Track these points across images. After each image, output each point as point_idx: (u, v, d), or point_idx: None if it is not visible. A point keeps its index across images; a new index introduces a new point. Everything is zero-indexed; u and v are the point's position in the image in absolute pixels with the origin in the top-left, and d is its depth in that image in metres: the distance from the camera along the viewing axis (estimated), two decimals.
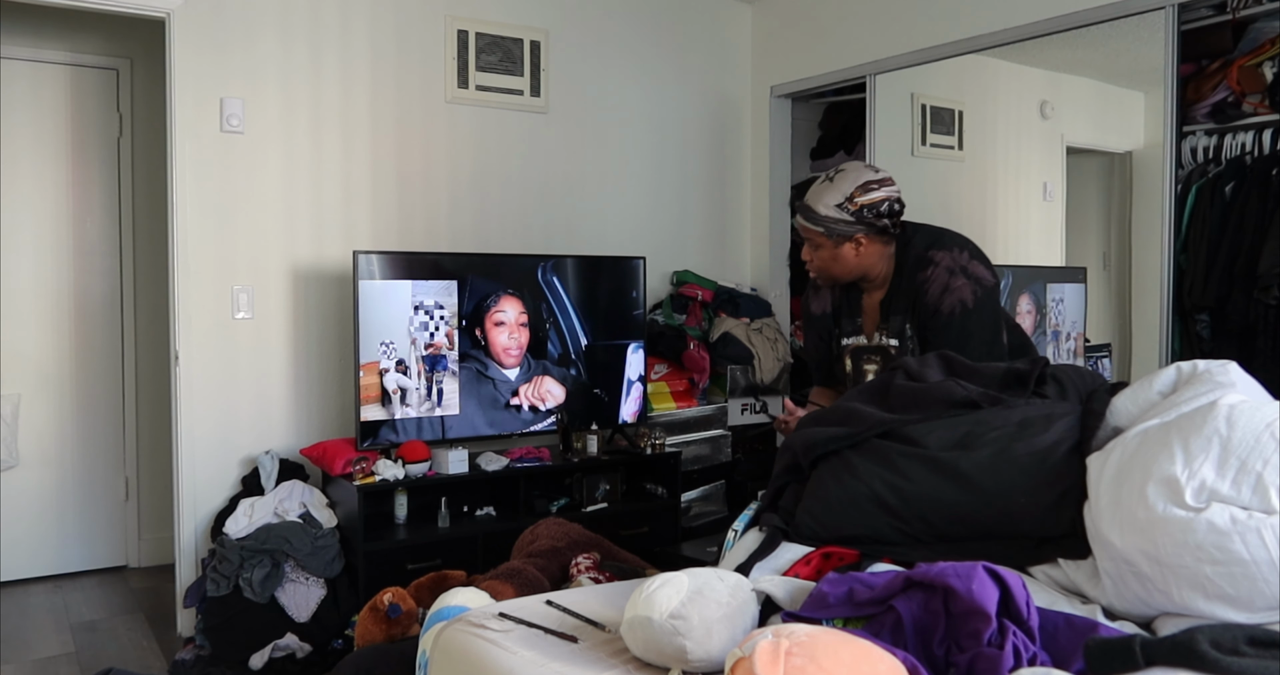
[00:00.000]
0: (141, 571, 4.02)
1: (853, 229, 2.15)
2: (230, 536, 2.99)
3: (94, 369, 4.00)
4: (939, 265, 2.14)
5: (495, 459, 3.31)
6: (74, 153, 3.93)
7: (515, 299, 3.40)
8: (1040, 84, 3.28)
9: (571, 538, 2.52)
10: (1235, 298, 2.65)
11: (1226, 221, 2.69)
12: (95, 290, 4.00)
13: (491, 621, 1.65)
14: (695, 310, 3.94)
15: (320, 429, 3.41)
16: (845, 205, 2.13)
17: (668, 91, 4.12)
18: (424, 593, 2.59)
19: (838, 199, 2.14)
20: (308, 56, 3.34)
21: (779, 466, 1.87)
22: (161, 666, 3.00)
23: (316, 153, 3.37)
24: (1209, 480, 1.33)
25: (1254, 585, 1.26)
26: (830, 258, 2.21)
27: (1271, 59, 2.67)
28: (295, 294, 3.35)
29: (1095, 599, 1.44)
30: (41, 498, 3.90)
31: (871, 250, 2.20)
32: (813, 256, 2.25)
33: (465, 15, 3.62)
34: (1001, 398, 1.73)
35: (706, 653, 1.36)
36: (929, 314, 2.14)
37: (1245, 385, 1.53)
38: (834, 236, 2.17)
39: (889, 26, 3.65)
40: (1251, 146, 2.69)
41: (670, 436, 3.72)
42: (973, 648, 1.23)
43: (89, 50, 3.92)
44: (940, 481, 1.61)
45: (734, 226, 4.34)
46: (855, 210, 2.13)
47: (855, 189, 2.13)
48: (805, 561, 1.65)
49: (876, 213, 2.13)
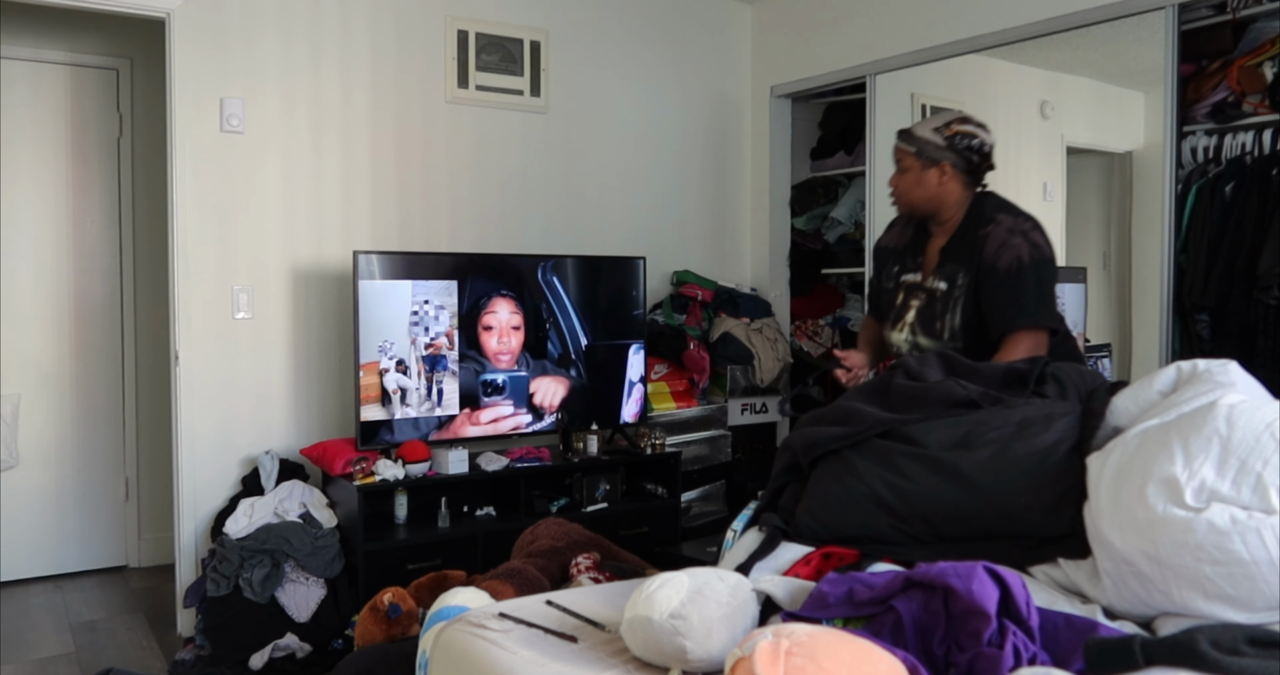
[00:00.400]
0: (141, 571, 4.02)
1: (942, 154, 2.29)
2: (230, 536, 2.99)
3: (94, 369, 4.00)
4: (1001, 225, 2.25)
5: (495, 459, 3.31)
6: (74, 153, 3.93)
7: (508, 300, 3.39)
8: (1040, 84, 3.28)
9: (571, 538, 2.52)
10: (1235, 298, 2.65)
11: (1226, 221, 2.69)
12: (95, 290, 4.00)
13: (491, 621, 1.65)
14: (695, 310, 3.94)
15: (320, 429, 3.41)
16: (941, 130, 2.30)
17: (668, 91, 4.12)
18: (424, 593, 2.59)
19: (936, 124, 2.31)
20: (308, 56, 3.34)
21: (778, 466, 1.87)
22: (161, 666, 3.00)
23: (316, 153, 3.37)
24: (1209, 480, 1.33)
25: (1254, 585, 1.26)
26: (914, 182, 2.34)
27: (1271, 59, 2.67)
28: (295, 294, 3.35)
29: (1095, 599, 1.44)
30: (41, 498, 3.90)
31: (952, 187, 2.31)
32: (898, 182, 2.39)
33: (465, 15, 3.62)
34: (1001, 397, 1.73)
35: (706, 653, 1.36)
36: (986, 269, 2.23)
37: (1245, 385, 1.53)
38: (923, 158, 2.31)
39: (889, 26, 3.65)
40: (1251, 146, 2.68)
41: (670, 436, 3.72)
42: (973, 648, 1.23)
43: (89, 50, 3.92)
44: (940, 481, 1.61)
45: (734, 226, 4.34)
46: (950, 136, 2.29)
47: (955, 120, 2.31)
48: (805, 561, 1.65)
49: (968, 146, 2.28)
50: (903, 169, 2.37)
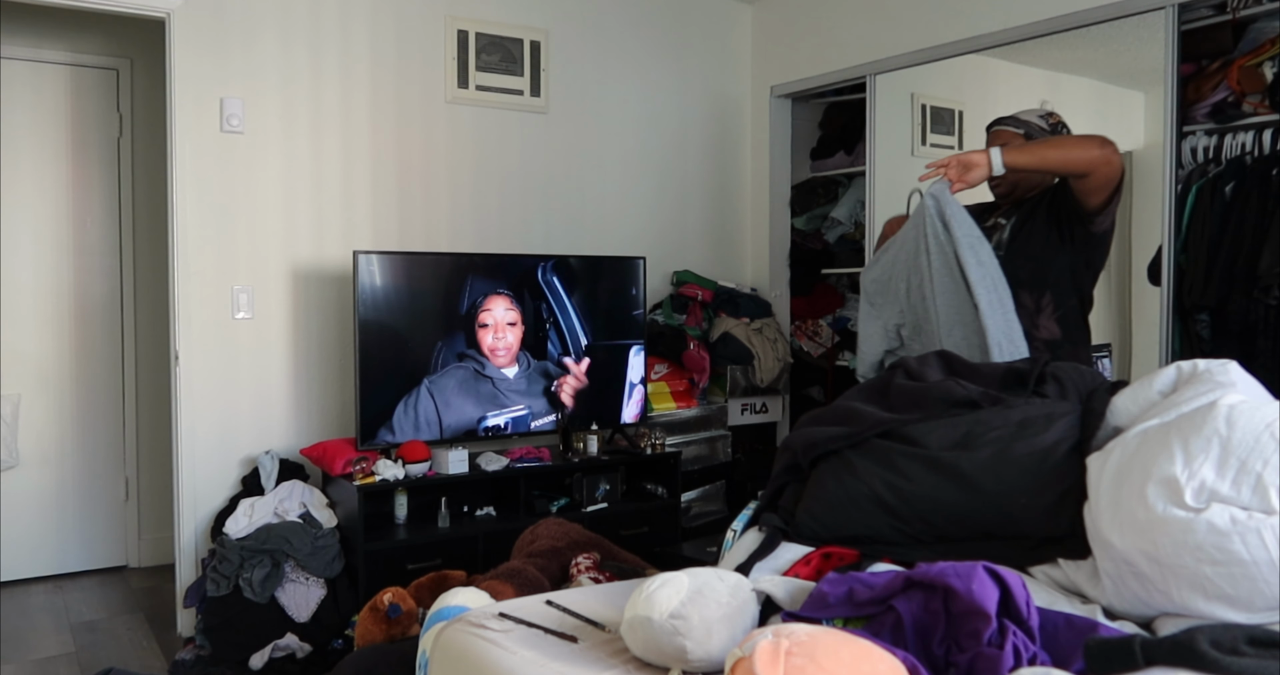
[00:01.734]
0: (141, 571, 4.02)
1: (1044, 136, 2.42)
2: (230, 536, 2.99)
3: (94, 369, 4.00)
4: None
5: (495, 459, 3.31)
6: (74, 153, 3.93)
7: (504, 297, 3.39)
8: (1040, 84, 3.28)
9: (571, 538, 2.53)
10: (1235, 298, 2.65)
11: (1226, 221, 2.69)
12: (95, 290, 4.00)
13: (491, 621, 1.65)
14: (695, 310, 3.94)
15: (320, 429, 3.41)
16: (1045, 116, 2.47)
17: (668, 91, 4.13)
18: (424, 593, 2.59)
19: (1040, 111, 2.48)
20: (308, 57, 3.34)
21: (778, 466, 1.87)
22: (161, 666, 3.00)
23: (316, 153, 3.37)
24: (1209, 480, 1.33)
25: (1254, 585, 1.26)
26: None
27: (1271, 59, 2.67)
28: (295, 294, 3.36)
29: (1095, 599, 1.44)
30: (41, 498, 3.90)
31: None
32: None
33: (465, 15, 3.62)
34: (1001, 397, 1.73)
35: (706, 653, 1.36)
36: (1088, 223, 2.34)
37: (1245, 385, 1.53)
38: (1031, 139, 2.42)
39: (889, 26, 3.65)
40: (1251, 146, 2.68)
41: (670, 436, 3.72)
42: (973, 648, 1.23)
43: (89, 50, 3.93)
44: (940, 481, 1.61)
45: (734, 226, 4.34)
46: (1053, 123, 2.46)
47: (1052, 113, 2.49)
48: (805, 561, 1.65)
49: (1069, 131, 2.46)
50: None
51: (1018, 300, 2.26)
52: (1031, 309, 2.34)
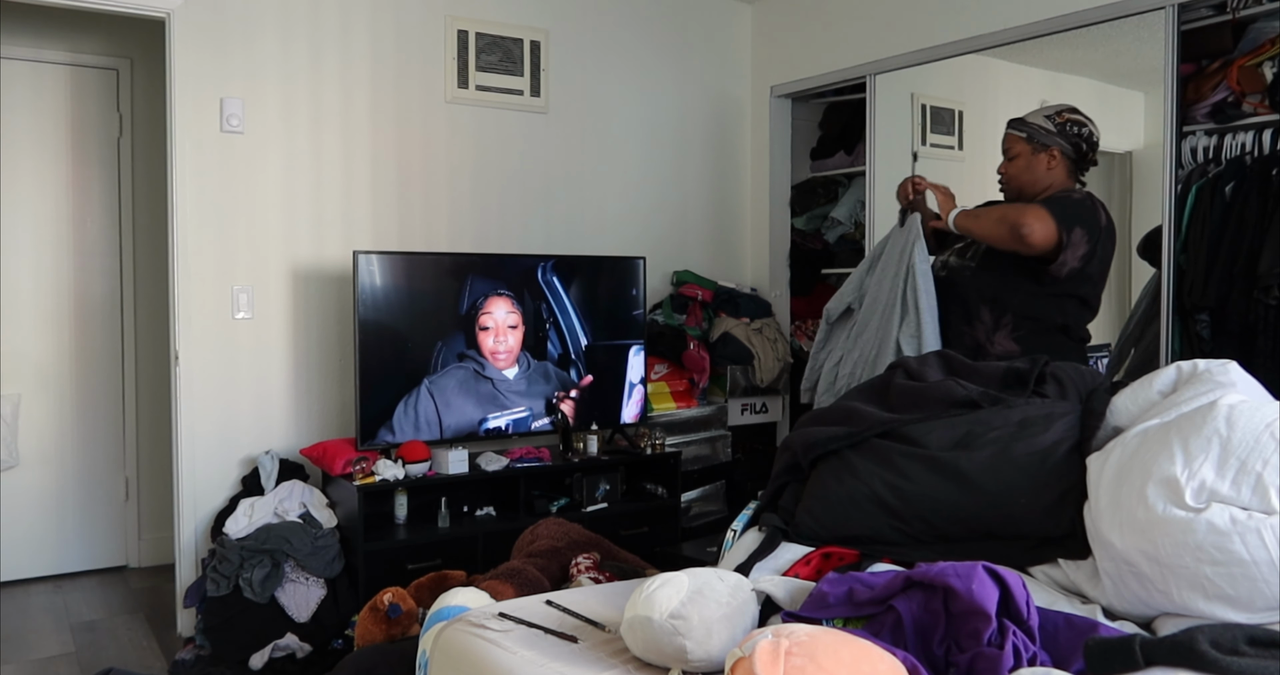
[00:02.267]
0: (141, 571, 4.02)
1: (1052, 140, 2.42)
2: (230, 536, 2.99)
3: (94, 369, 4.00)
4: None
5: (495, 459, 3.31)
6: (74, 153, 3.93)
7: (505, 299, 3.39)
8: (1040, 84, 3.28)
9: (571, 538, 2.53)
10: (1235, 298, 2.65)
11: (1226, 221, 2.69)
12: (95, 290, 4.00)
13: (491, 621, 1.65)
14: (695, 310, 3.94)
15: (320, 429, 3.41)
16: (1053, 117, 2.43)
17: (668, 91, 4.12)
18: (424, 593, 2.59)
19: (1047, 112, 2.45)
20: (308, 57, 3.34)
21: (778, 466, 1.87)
22: (161, 666, 3.00)
23: (316, 153, 3.37)
24: (1209, 480, 1.33)
25: (1254, 585, 1.26)
26: (1024, 167, 2.46)
27: (1271, 59, 2.67)
28: (295, 294, 3.35)
29: (1095, 599, 1.44)
30: (41, 498, 3.90)
31: (1059, 174, 2.44)
32: (1008, 168, 2.52)
33: (465, 15, 3.62)
34: (1001, 397, 1.73)
35: (706, 653, 1.36)
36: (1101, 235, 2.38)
37: (1245, 385, 1.53)
38: (1034, 142, 2.42)
39: (889, 26, 3.65)
40: (1251, 146, 2.68)
41: (670, 436, 3.72)
42: (973, 647, 1.23)
43: (89, 50, 3.92)
44: (940, 481, 1.61)
45: (734, 226, 4.34)
46: (1060, 122, 2.42)
47: (1065, 109, 2.44)
48: (805, 561, 1.66)
49: (1077, 133, 2.42)
50: (1012, 156, 2.49)
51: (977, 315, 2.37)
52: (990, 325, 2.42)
